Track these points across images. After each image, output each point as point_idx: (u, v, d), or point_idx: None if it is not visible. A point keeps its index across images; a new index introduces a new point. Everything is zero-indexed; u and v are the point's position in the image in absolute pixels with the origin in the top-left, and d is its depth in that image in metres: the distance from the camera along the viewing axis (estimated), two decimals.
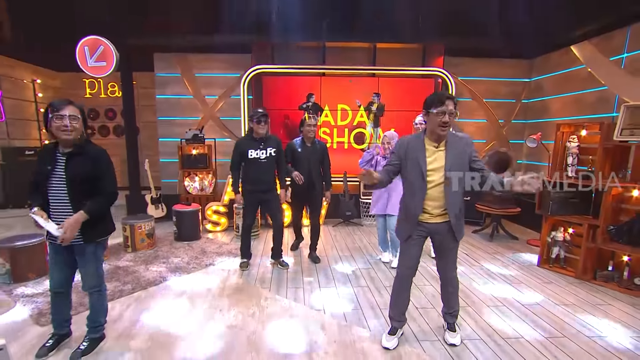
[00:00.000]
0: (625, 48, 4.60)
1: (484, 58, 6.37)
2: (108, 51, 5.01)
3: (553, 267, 4.04)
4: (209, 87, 6.35)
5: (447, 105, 2.17)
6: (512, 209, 5.05)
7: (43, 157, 2.22)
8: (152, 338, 2.63)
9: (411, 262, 2.50)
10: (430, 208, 2.35)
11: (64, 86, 7.44)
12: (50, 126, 2.12)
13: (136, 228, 4.41)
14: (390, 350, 2.51)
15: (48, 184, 2.16)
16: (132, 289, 3.40)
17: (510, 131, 6.56)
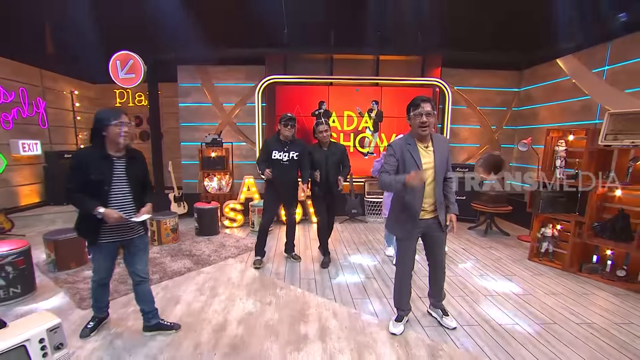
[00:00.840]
0: (607, 61, 4.62)
1: (477, 69, 6.39)
2: (137, 64, 5.10)
3: (542, 261, 4.05)
4: (227, 95, 6.41)
5: (423, 107, 2.24)
6: (504, 208, 5.06)
7: (95, 163, 2.14)
8: (181, 321, 2.68)
9: (411, 257, 2.56)
10: (426, 205, 2.42)
11: (98, 96, 7.53)
12: (108, 132, 2.13)
13: (162, 224, 4.47)
14: (397, 335, 2.55)
15: (111, 186, 2.17)
16: (160, 278, 3.46)
17: (501, 136, 6.56)
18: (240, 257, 4.15)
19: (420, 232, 2.49)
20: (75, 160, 2.16)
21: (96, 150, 2.18)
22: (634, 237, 3.32)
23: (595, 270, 3.67)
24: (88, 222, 2.18)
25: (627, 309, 2.99)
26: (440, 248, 2.56)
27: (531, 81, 6.18)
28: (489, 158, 4.78)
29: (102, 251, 2.31)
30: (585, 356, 2.34)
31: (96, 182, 2.13)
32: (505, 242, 4.86)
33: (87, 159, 2.14)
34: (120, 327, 2.62)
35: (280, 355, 2.31)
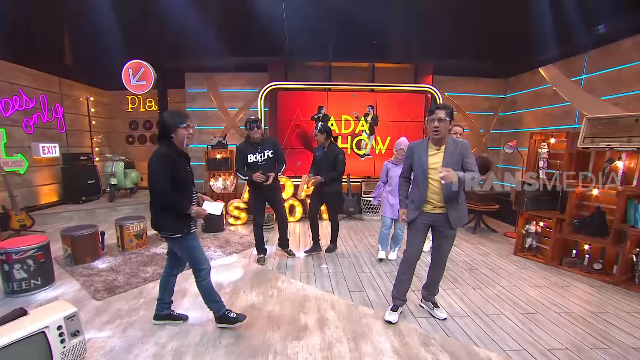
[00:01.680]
0: (584, 70, 4.66)
1: (466, 77, 6.44)
2: (147, 72, 5.12)
3: (526, 255, 4.07)
4: (231, 101, 6.43)
5: (437, 113, 2.30)
6: (492, 206, 5.09)
7: (180, 163, 2.16)
8: (188, 313, 2.69)
9: (418, 246, 2.55)
10: (432, 200, 2.44)
11: (111, 102, 7.53)
12: (176, 134, 2.17)
13: None
14: (393, 323, 2.57)
15: (191, 183, 2.27)
16: None
17: (489, 139, 6.60)
18: (244, 252, 4.15)
19: (427, 225, 2.50)
20: (167, 159, 2.12)
21: (171, 149, 2.18)
22: (609, 233, 3.35)
23: (574, 264, 3.70)
24: (181, 217, 2.21)
25: (603, 299, 3.03)
26: (444, 245, 2.53)
27: (516, 88, 6.22)
28: (478, 160, 4.82)
29: (196, 238, 2.34)
30: (563, 342, 2.37)
31: (183, 180, 2.18)
32: (492, 239, 4.88)
33: (173, 156, 2.15)
34: (132, 316, 2.63)
35: (282, 344, 2.33)
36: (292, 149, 6.24)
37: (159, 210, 2.21)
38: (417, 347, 2.31)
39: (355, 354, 2.22)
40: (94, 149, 6.98)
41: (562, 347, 2.31)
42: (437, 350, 2.28)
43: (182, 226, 2.23)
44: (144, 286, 3.15)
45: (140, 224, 4.14)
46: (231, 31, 5.04)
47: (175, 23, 4.42)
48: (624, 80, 4.12)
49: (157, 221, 2.25)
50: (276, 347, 2.29)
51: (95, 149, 7.00)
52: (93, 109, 6.97)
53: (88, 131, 6.89)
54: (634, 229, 3.18)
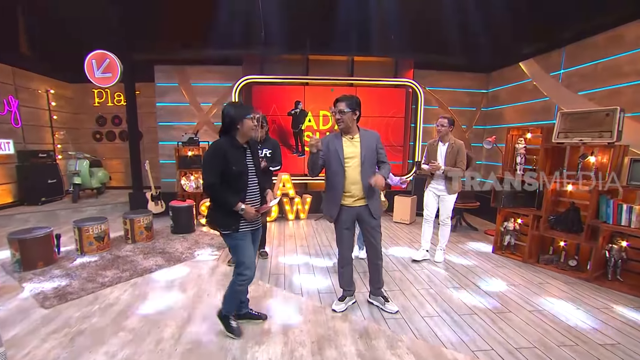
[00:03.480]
0: (562, 65, 4.77)
1: (448, 71, 6.49)
2: (113, 64, 4.96)
3: (505, 253, 4.13)
4: (204, 95, 6.31)
5: (337, 105, 2.49)
6: (472, 203, 5.15)
7: (233, 154, 2.14)
8: (145, 318, 2.62)
9: (345, 242, 2.71)
10: (353, 190, 2.56)
11: (75, 95, 7.29)
12: (242, 125, 2.15)
13: (135, 222, 4.36)
14: (337, 312, 2.72)
15: (248, 177, 2.23)
16: (130, 276, 3.37)
17: (472, 135, 6.69)
18: (213, 254, 4.09)
19: (352, 218, 2.64)
20: (216, 150, 2.11)
21: (230, 140, 2.17)
22: (584, 228, 3.42)
23: (551, 261, 3.77)
24: (231, 213, 2.18)
25: (575, 295, 3.09)
26: (372, 233, 2.68)
27: (498, 83, 6.32)
28: None
29: (245, 238, 2.29)
30: (532, 340, 2.41)
31: (237, 174, 2.14)
32: (472, 237, 4.94)
33: (226, 149, 2.12)
34: (83, 324, 2.53)
35: (241, 349, 2.28)
36: None
37: (211, 204, 2.29)
38: (384, 350, 2.29)
39: (318, 359, 2.19)
40: (56, 145, 6.73)
41: (530, 346, 2.34)
42: (403, 352, 2.27)
43: (230, 222, 2.23)
44: (101, 291, 3.05)
45: (102, 226, 4.01)
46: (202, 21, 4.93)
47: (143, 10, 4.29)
48: (599, 75, 4.22)
49: (209, 214, 2.29)
50: (235, 353, 2.24)
51: (57, 145, 6.75)
52: (54, 103, 6.72)
53: (49, 126, 6.65)
54: (606, 224, 3.26)
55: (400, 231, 5.20)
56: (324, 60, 6.18)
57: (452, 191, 3.70)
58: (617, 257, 3.30)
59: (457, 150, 3.63)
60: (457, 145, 3.66)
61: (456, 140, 3.70)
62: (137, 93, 6.20)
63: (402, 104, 6.26)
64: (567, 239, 3.61)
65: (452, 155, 3.64)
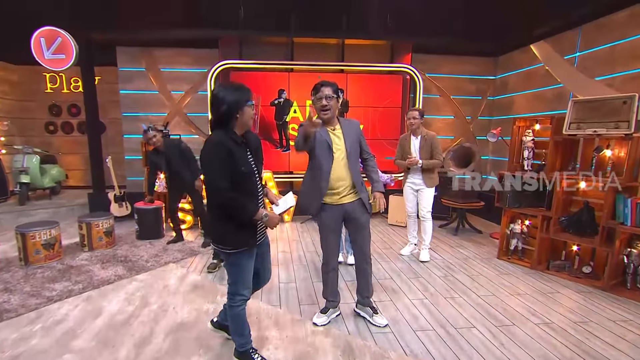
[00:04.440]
0: (577, 47, 4.77)
1: (450, 55, 6.47)
2: (67, 43, 4.83)
3: (511, 259, 4.13)
4: (175, 82, 6.22)
5: (322, 91, 2.43)
6: (475, 203, 5.15)
7: (240, 154, 1.93)
8: (97, 337, 2.55)
9: (330, 245, 2.68)
10: (340, 187, 2.54)
11: (23, 80, 7.07)
12: (242, 114, 1.94)
13: (93, 226, 4.28)
14: (319, 326, 2.69)
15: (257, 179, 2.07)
16: (83, 288, 3.29)
17: (477, 127, 6.66)
18: (183, 261, 4.04)
19: (338, 218, 2.61)
20: (221, 149, 1.87)
21: (229, 134, 1.93)
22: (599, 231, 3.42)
23: (562, 268, 3.77)
24: (245, 226, 1.99)
25: (589, 306, 3.09)
26: (361, 233, 2.65)
27: (507, 68, 6.32)
28: (459, 150, 4.88)
29: (251, 257, 2.09)
30: (536, 356, 2.38)
31: (247, 174, 1.95)
32: (476, 240, 4.94)
33: (229, 145, 1.89)
34: (19, 347, 2.44)
35: None
36: None
37: (217, 217, 1.99)
38: None
39: None
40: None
41: None
42: None
43: (246, 237, 2.01)
44: (46, 307, 2.97)
45: (51, 231, 3.92)
46: None
47: None
48: (619, 58, 4.22)
49: (215, 231, 2.05)
50: None
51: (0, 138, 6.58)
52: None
53: None
54: (624, 226, 3.26)
55: (395, 235, 5.18)
56: (311, 44, 6.12)
57: (431, 184, 4.00)
58: (637, 263, 3.30)
59: (431, 142, 3.91)
60: (430, 137, 3.94)
61: (428, 132, 3.98)
62: (98, 79, 6.08)
63: (399, 92, 6.24)
64: (581, 242, 3.61)
65: (427, 147, 3.92)
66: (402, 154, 4.07)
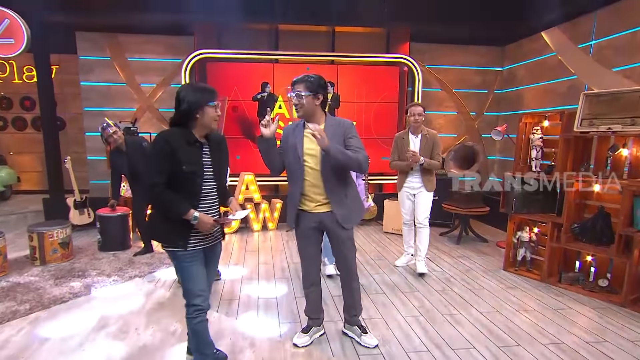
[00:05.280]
0: (593, 35, 4.80)
1: (453, 44, 6.52)
2: (16, 26, 4.71)
3: (519, 271, 4.12)
4: (145, 73, 6.20)
5: (295, 88, 2.43)
6: (480, 209, 5.15)
7: (185, 150, 2.05)
8: None
9: (310, 255, 2.69)
10: (312, 194, 2.53)
11: None
12: (203, 115, 2.07)
13: (46, 237, 4.19)
14: (299, 347, 2.66)
15: (203, 179, 2.15)
16: (30, 309, 3.21)
17: (483, 124, 6.72)
18: (150, 275, 4.00)
19: (315, 226, 2.59)
20: (161, 144, 2.03)
21: (182, 133, 2.09)
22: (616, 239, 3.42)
23: (576, 281, 3.76)
24: (178, 224, 2.09)
25: (604, 325, 3.07)
26: (340, 247, 2.63)
27: (515, 58, 6.38)
28: (460, 150, 4.88)
29: (195, 259, 2.17)
30: None
31: (188, 174, 2.07)
32: (480, 250, 4.94)
33: (175, 143, 2.03)
34: None
35: None
36: (229, 139, 5.89)
37: (153, 211, 2.26)
38: None
39: None
40: None
41: None
42: None
43: (176, 237, 2.13)
44: None
45: None
46: None
47: None
48: (639, 46, 4.25)
49: (151, 225, 2.29)
50: None
51: None
52: None
53: None
54: None
55: (390, 244, 5.17)
56: (297, 31, 6.15)
57: (431, 187, 3.97)
58: None
59: (433, 142, 3.89)
60: (432, 136, 3.93)
61: (429, 131, 3.96)
62: (56, 68, 6.00)
63: (395, 85, 6.27)
64: (596, 252, 3.60)
65: (427, 147, 3.88)
66: (398, 155, 4.02)
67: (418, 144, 3.91)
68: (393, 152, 4.11)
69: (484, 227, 5.92)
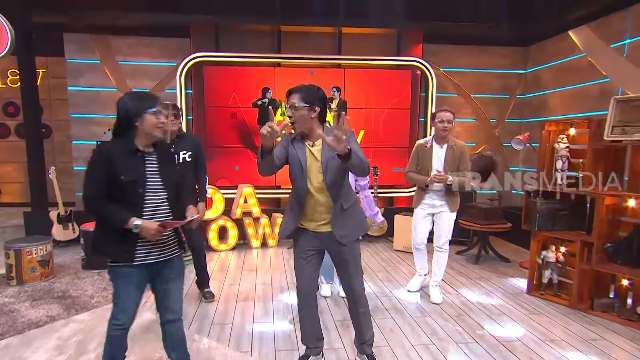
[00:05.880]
0: (627, 33, 4.76)
1: (470, 45, 6.50)
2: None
3: (545, 295, 4.03)
4: (137, 77, 6.26)
5: (289, 99, 2.41)
6: (501, 225, 5.09)
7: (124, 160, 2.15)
8: None
9: (304, 277, 2.63)
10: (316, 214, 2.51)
11: None
12: (142, 123, 2.15)
13: (24, 254, 4.20)
14: None
15: (145, 189, 2.22)
16: (1, 334, 3.20)
17: (504, 132, 6.67)
18: None
19: (315, 247, 2.57)
20: (96, 155, 2.15)
21: (123, 142, 2.21)
22: None
23: (611, 307, 3.65)
24: (120, 236, 2.15)
25: None
26: (345, 269, 2.60)
27: (540, 60, 6.35)
28: (477, 161, 4.85)
29: (132, 277, 2.23)
30: None
31: (127, 184, 2.15)
32: (501, 271, 4.87)
33: (113, 153, 2.14)
34: None
35: None
36: (227, 148, 6.19)
37: (96, 225, 2.28)
38: None
39: None
40: None
41: None
42: None
43: (121, 250, 2.19)
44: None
45: None
46: None
47: None
48: None
49: (96, 239, 2.29)
50: None
51: None
52: None
53: None
54: None
55: (400, 263, 5.12)
56: (301, 33, 6.20)
57: (454, 207, 3.83)
58: None
59: (460, 154, 3.74)
60: (459, 147, 3.77)
61: (457, 141, 3.80)
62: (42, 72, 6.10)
63: (407, 91, 6.27)
64: (632, 276, 3.50)
65: (454, 161, 3.73)
66: (417, 166, 3.86)
67: (443, 156, 3.74)
68: (411, 162, 3.94)
69: (505, 245, 5.85)
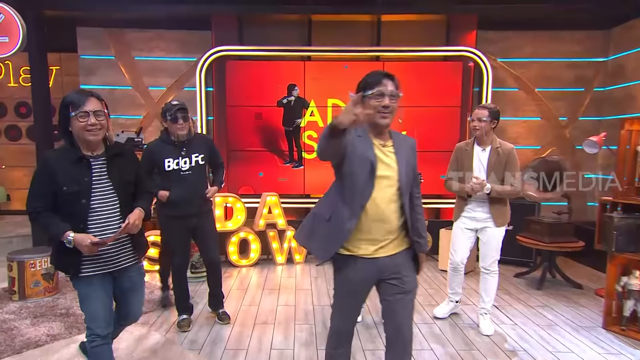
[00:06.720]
0: None
1: (535, 30, 6.38)
2: (11, 22, 5.02)
3: (626, 331, 3.81)
4: (155, 74, 6.48)
5: (385, 84, 2.21)
6: (571, 243, 4.89)
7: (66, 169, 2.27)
8: None
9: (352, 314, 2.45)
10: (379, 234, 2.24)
11: None
12: (72, 127, 2.25)
13: (27, 266, 4.34)
14: None
15: (90, 199, 2.32)
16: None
17: (577, 132, 6.47)
18: (145, 316, 4.04)
19: (371, 278, 2.31)
20: (41, 168, 2.31)
21: (67, 150, 2.33)
22: None
23: None
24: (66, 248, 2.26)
25: None
26: (401, 303, 2.29)
27: (624, 45, 6.16)
28: (540, 165, 4.67)
29: (93, 282, 2.38)
30: None
31: (69, 196, 2.27)
32: (571, 299, 4.66)
33: (57, 164, 2.27)
34: None
35: None
36: (250, 152, 6.25)
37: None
38: None
39: None
40: None
41: None
42: None
43: (66, 263, 2.36)
44: None
45: None
46: None
47: None
48: None
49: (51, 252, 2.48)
50: None
51: None
52: None
53: None
54: None
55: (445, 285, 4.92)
56: (334, 22, 6.24)
57: (502, 221, 3.70)
58: None
59: (506, 158, 3.64)
60: (505, 150, 3.67)
61: (502, 143, 3.72)
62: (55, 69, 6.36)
63: (458, 85, 6.20)
64: None
65: (499, 165, 3.64)
66: (457, 172, 3.81)
67: (486, 160, 3.68)
68: (450, 167, 3.89)
69: (577, 268, 5.65)
